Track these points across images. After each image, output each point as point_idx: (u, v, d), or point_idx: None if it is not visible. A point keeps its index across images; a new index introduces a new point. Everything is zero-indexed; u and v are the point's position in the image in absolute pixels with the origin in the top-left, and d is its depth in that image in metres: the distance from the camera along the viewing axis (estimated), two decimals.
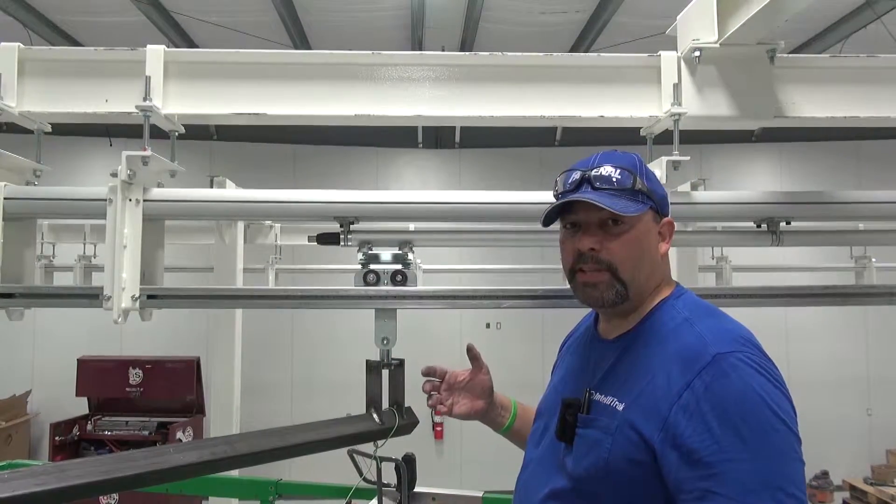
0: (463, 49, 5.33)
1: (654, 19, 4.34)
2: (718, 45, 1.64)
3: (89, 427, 5.61)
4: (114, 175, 1.55)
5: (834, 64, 1.75)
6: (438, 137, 7.05)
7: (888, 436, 6.51)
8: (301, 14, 4.95)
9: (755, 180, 6.88)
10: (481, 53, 1.76)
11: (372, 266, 1.67)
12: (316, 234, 1.75)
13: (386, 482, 1.69)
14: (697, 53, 1.65)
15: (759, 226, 1.78)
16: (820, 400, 6.06)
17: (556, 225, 1.20)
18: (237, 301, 1.92)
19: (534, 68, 1.74)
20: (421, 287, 1.66)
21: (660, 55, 1.71)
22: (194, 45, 5.29)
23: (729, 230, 1.94)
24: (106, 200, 1.56)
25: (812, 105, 1.71)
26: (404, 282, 1.64)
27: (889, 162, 6.66)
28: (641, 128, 1.80)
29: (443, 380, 1.46)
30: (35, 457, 6.06)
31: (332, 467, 2.06)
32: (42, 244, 3.91)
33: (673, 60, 1.70)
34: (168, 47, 1.68)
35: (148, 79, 1.64)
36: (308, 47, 5.27)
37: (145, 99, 1.63)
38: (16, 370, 6.25)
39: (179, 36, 5.16)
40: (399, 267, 1.66)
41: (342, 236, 1.67)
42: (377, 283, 1.64)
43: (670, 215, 1.20)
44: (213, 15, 4.83)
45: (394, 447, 1.63)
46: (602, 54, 1.80)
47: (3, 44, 1.68)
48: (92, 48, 1.72)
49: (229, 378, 2.82)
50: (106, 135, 5.99)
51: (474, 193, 1.73)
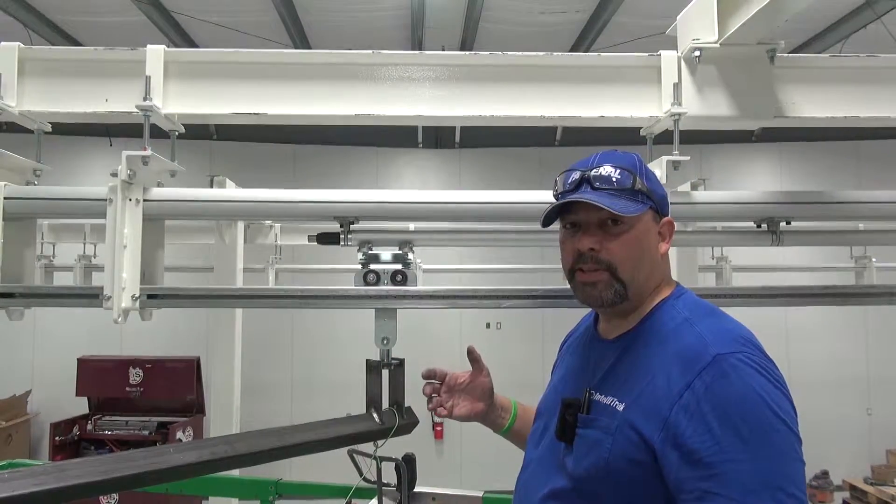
0: (463, 49, 5.33)
1: (654, 19, 4.34)
2: (718, 45, 1.64)
3: (89, 427, 5.61)
4: (114, 175, 1.55)
5: (834, 64, 1.75)
6: (438, 137, 7.05)
7: (888, 436, 6.51)
8: (301, 14, 4.96)
9: (755, 180, 6.88)
10: (481, 53, 1.76)
11: (372, 266, 1.66)
12: (316, 234, 1.75)
13: (386, 482, 1.68)
14: (697, 53, 1.65)
15: (759, 226, 1.78)
16: (820, 400, 6.06)
17: (556, 225, 1.20)
18: (237, 301, 1.93)
19: (534, 68, 1.74)
20: (421, 287, 1.66)
21: (660, 55, 1.71)
22: (194, 45, 5.29)
23: (729, 230, 1.94)
24: (106, 200, 1.56)
25: (812, 105, 1.71)
26: (404, 282, 1.64)
27: (889, 162, 6.66)
28: (641, 128, 1.80)
29: (443, 382, 1.46)
30: (35, 457, 6.06)
31: (332, 467, 2.06)
32: (42, 244, 3.91)
33: (673, 60, 1.70)
34: (168, 47, 1.68)
35: (148, 79, 1.64)
36: (308, 47, 5.27)
37: (145, 99, 1.63)
38: (16, 370, 6.25)
39: (179, 36, 5.16)
40: (399, 267, 1.66)
41: (342, 236, 1.67)
42: (377, 283, 1.64)
43: (670, 215, 1.20)
44: (214, 15, 4.83)
45: (394, 447, 1.63)
46: (602, 54, 1.80)
47: (3, 44, 1.68)
48: (92, 48, 1.72)
49: (229, 378, 2.81)
50: (106, 135, 5.99)
51: (474, 193, 1.73)
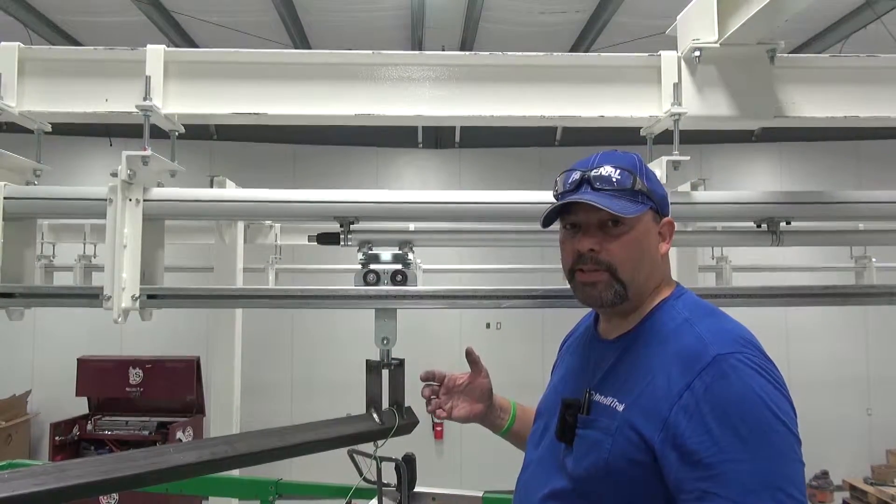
0: (463, 49, 5.33)
1: (654, 19, 4.34)
2: (718, 45, 1.64)
3: (89, 427, 5.61)
4: (114, 175, 1.55)
5: (834, 64, 1.75)
6: (438, 137, 7.05)
7: (888, 436, 6.51)
8: (301, 14, 4.95)
9: (755, 180, 6.88)
10: (481, 53, 1.76)
11: (372, 266, 1.66)
12: (316, 234, 1.75)
13: (386, 482, 1.68)
14: (697, 53, 1.65)
15: (759, 226, 1.78)
16: (820, 400, 6.06)
17: (556, 225, 1.20)
18: (237, 301, 1.93)
19: (534, 68, 1.74)
20: (421, 287, 1.66)
21: (660, 55, 1.71)
22: (194, 45, 5.28)
23: (729, 230, 1.94)
24: (106, 200, 1.56)
25: (812, 105, 1.71)
26: (404, 282, 1.64)
27: (889, 162, 6.66)
28: (641, 128, 1.80)
29: (441, 383, 1.46)
30: (35, 457, 6.06)
31: (332, 467, 2.06)
32: (42, 244, 3.90)
33: (673, 60, 1.70)
34: (168, 47, 1.68)
35: (148, 78, 1.64)
36: (308, 47, 5.27)
37: (145, 99, 1.63)
38: (16, 370, 6.25)
39: (179, 36, 5.16)
40: (399, 267, 1.66)
41: (342, 236, 1.67)
42: (377, 283, 1.64)
43: (670, 215, 1.20)
44: (214, 15, 4.83)
45: (394, 447, 1.63)
46: (602, 54, 1.80)
47: (3, 44, 1.68)
48: (92, 48, 1.72)
49: (229, 378, 2.81)
50: (106, 135, 6.00)
51: (474, 193, 1.73)
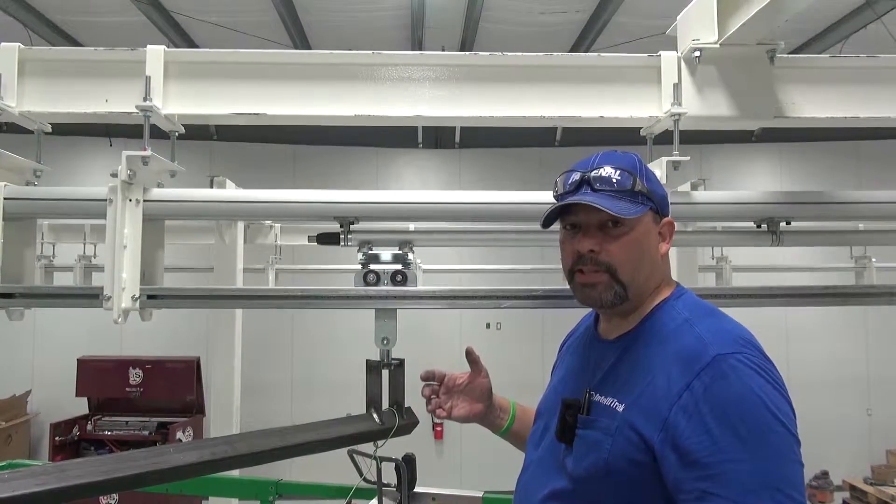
0: (463, 49, 5.33)
1: (654, 19, 4.34)
2: (718, 45, 1.64)
3: (89, 427, 5.61)
4: (114, 175, 1.54)
5: (834, 64, 1.75)
6: (438, 137, 7.05)
7: (888, 436, 6.51)
8: (301, 14, 4.95)
9: (755, 180, 6.88)
10: (481, 53, 1.76)
11: (372, 266, 1.66)
12: (316, 234, 1.75)
13: (386, 482, 1.68)
14: (697, 53, 1.65)
15: (759, 226, 1.78)
16: (820, 400, 6.06)
17: (557, 225, 1.20)
18: (237, 301, 1.93)
19: (534, 68, 1.74)
20: (421, 287, 1.66)
21: (660, 55, 1.71)
22: (194, 45, 5.29)
23: (729, 230, 1.94)
24: (106, 200, 1.56)
25: (812, 105, 1.71)
26: (404, 282, 1.64)
27: (889, 162, 6.66)
28: (641, 128, 1.80)
29: (441, 383, 1.46)
30: (35, 457, 6.06)
31: (332, 467, 2.06)
32: (42, 244, 3.90)
33: (673, 60, 1.70)
34: (168, 47, 1.68)
35: (148, 79, 1.64)
36: (308, 47, 5.27)
37: (145, 99, 1.63)
38: (16, 370, 6.25)
39: (179, 36, 5.16)
40: (399, 267, 1.66)
41: (342, 236, 1.67)
42: (377, 283, 1.64)
43: (670, 215, 1.20)
44: (213, 15, 4.83)
45: (394, 447, 1.63)
46: (602, 54, 1.80)
47: (3, 44, 1.67)
48: (92, 48, 1.72)
49: (229, 378, 2.81)
50: (106, 135, 5.99)
51: (474, 193, 1.73)
